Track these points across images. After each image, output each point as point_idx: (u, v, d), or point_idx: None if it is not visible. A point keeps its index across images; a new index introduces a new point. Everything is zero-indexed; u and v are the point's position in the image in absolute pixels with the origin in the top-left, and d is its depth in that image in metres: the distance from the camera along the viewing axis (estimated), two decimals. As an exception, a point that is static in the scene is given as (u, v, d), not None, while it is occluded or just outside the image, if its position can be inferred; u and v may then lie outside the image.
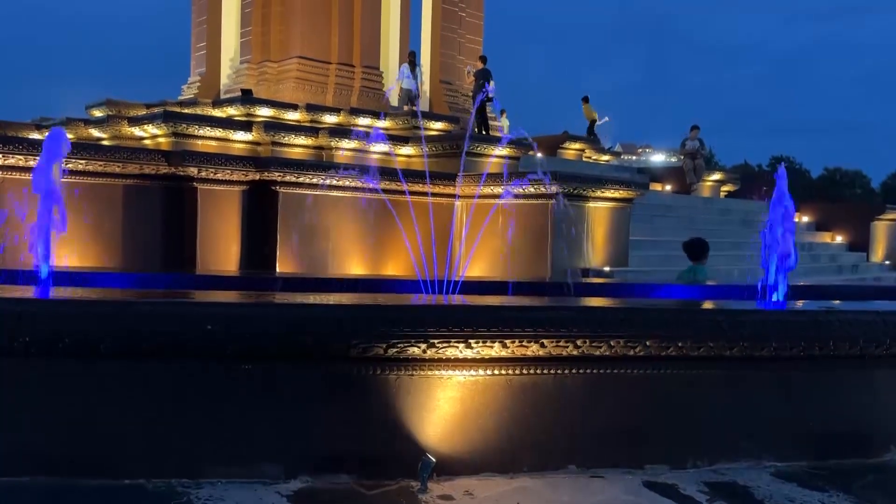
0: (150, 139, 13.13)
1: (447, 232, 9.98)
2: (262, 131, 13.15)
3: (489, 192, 10.03)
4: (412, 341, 3.77)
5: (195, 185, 9.24)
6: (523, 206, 9.76)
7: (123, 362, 3.85)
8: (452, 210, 10.77)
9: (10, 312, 3.86)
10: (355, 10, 19.41)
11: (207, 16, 21.05)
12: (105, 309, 3.76)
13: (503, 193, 9.34)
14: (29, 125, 15.67)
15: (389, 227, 10.39)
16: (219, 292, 4.56)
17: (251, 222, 9.73)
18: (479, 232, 9.67)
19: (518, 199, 9.59)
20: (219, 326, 3.73)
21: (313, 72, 19.03)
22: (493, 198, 9.81)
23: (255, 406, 3.92)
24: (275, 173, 9.46)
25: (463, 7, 21.50)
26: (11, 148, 8.10)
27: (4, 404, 3.74)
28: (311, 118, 15.88)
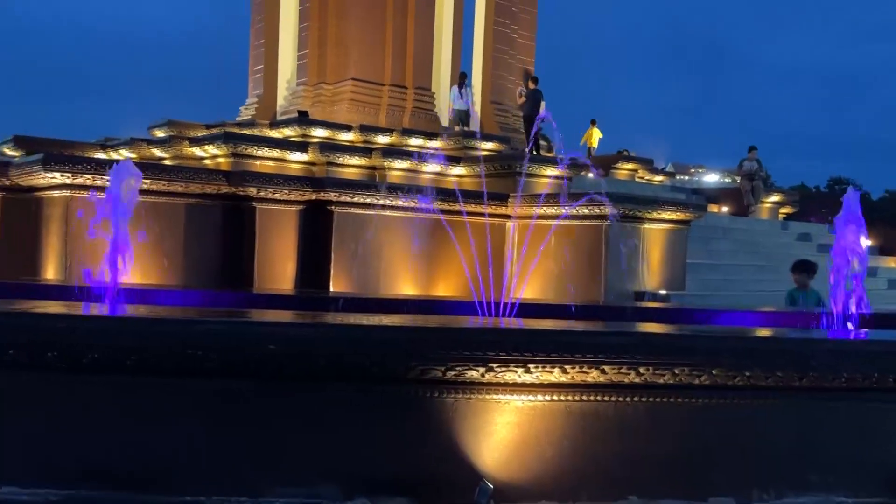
0: (210, 159, 13.48)
1: (499, 252, 9.95)
2: (318, 152, 13.38)
3: (542, 213, 9.97)
4: (470, 365, 3.74)
5: (254, 205, 9.44)
6: (577, 227, 9.66)
7: (185, 381, 3.92)
8: (504, 230, 10.73)
9: (76, 329, 3.98)
10: (408, 33, 19.66)
11: (265, 39, 21.59)
12: (169, 328, 3.84)
13: (560, 214, 9.26)
14: (94, 145, 16.27)
15: (440, 246, 10.41)
16: (279, 312, 4.61)
17: (306, 241, 9.87)
18: (531, 253, 9.61)
19: (572, 220, 9.50)
20: (280, 347, 3.77)
21: (367, 93, 19.31)
22: (545, 218, 9.74)
23: (313, 426, 3.93)
24: (330, 193, 9.59)
25: (515, 28, 21.57)
26: (80, 168, 8.41)
27: (71, 421, 3.84)
28: (364, 139, 16.10)
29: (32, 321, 3.86)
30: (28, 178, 9.36)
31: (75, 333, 3.77)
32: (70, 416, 3.92)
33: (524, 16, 21.91)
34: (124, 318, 4.10)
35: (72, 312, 4.10)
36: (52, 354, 3.86)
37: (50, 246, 9.07)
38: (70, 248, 8.50)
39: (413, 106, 19.49)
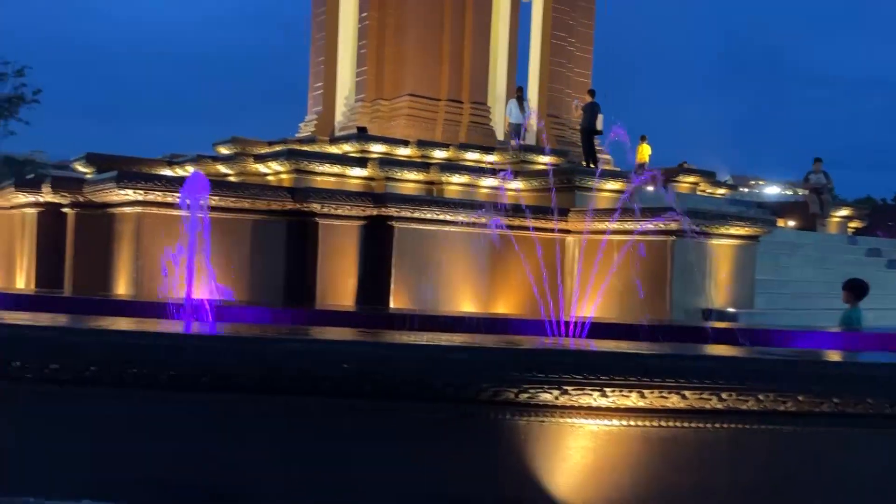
0: (273, 175, 13.75)
1: (559, 268, 9.80)
2: (377, 167, 13.51)
3: (604, 228, 9.81)
4: (544, 387, 3.66)
5: (317, 220, 9.55)
6: (641, 242, 9.47)
7: (259, 397, 3.95)
8: (565, 245, 10.59)
9: (158, 346, 4.06)
10: (465, 48, 19.76)
11: (325, 57, 22.01)
12: (247, 346, 3.89)
13: (623, 229, 9.09)
14: (161, 161, 16.78)
15: (500, 262, 10.35)
16: (351, 330, 4.62)
17: (367, 256, 9.93)
18: (592, 269, 9.46)
19: (635, 235, 9.31)
20: (354, 366, 3.77)
21: (423, 108, 19.46)
22: (608, 233, 9.57)
23: (385, 445, 3.92)
24: (391, 208, 9.64)
25: (572, 42, 21.46)
26: (151, 185, 8.66)
27: (152, 438, 3.91)
28: (421, 153, 16.21)
29: (117, 339, 3.95)
30: (101, 195, 9.69)
31: (154, 351, 3.84)
32: (148, 433, 4.00)
33: (582, 29, 21.78)
34: (204, 335, 4.16)
35: (150, 330, 4.18)
36: (133, 371, 3.95)
37: (121, 261, 9.35)
38: (141, 263, 8.74)
39: (469, 120, 19.54)
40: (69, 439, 4.14)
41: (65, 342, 3.98)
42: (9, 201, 11.73)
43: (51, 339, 3.99)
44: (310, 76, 23.32)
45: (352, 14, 21.67)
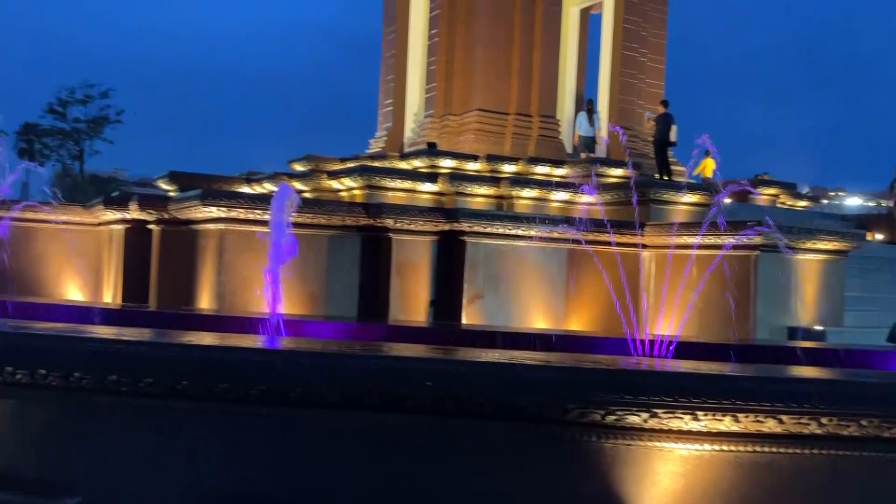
0: (346, 191, 14.01)
1: (634, 284, 9.60)
2: (447, 182, 13.59)
3: (683, 242, 9.57)
4: (633, 409, 3.58)
5: (390, 236, 9.67)
6: (723, 256, 9.19)
7: (343, 413, 4.00)
8: (640, 260, 10.38)
9: (248, 362, 4.16)
10: (534, 62, 19.72)
11: (395, 74, 22.33)
12: (331, 362, 3.95)
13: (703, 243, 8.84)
14: (239, 179, 17.34)
15: (573, 277, 10.23)
16: (432, 347, 4.64)
17: (439, 271, 9.98)
18: (670, 284, 9.24)
19: (716, 250, 9.04)
20: (437, 384, 3.77)
21: (492, 122, 19.47)
22: (686, 248, 9.34)
23: (466, 465, 3.90)
24: (463, 223, 9.67)
25: (643, 52, 21.12)
26: (234, 202, 8.95)
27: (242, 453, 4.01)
28: (490, 168, 16.21)
29: (208, 354, 4.08)
30: (185, 212, 10.06)
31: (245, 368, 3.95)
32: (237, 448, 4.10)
33: (653, 39, 21.42)
34: (293, 351, 4.25)
35: (242, 346, 4.29)
36: (223, 386, 4.06)
37: (204, 276, 9.67)
38: (223, 277, 9.02)
39: (538, 134, 19.45)
40: (163, 452, 4.28)
41: (158, 357, 4.13)
42: (97, 218, 12.30)
43: (144, 354, 4.15)
44: (379, 93, 23.71)
45: (421, 32, 21.95)
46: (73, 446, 4.47)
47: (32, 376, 4.27)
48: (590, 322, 10.02)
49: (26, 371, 4.26)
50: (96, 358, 4.16)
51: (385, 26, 23.32)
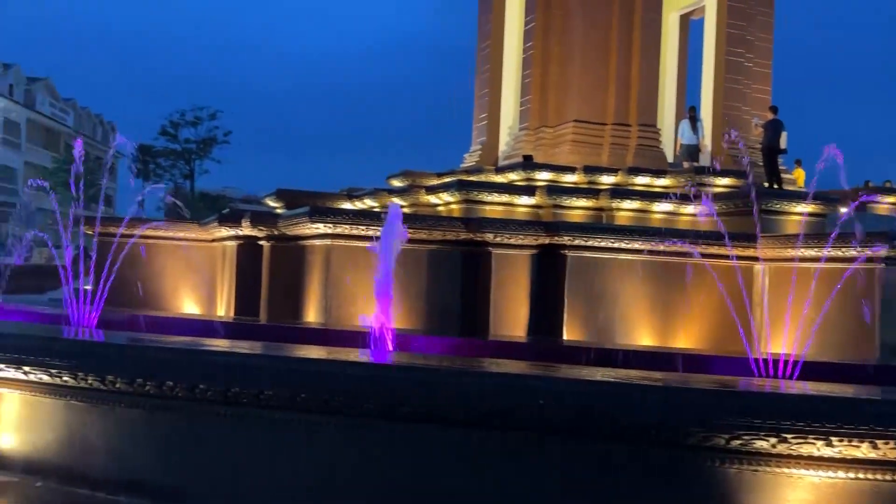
0: (444, 206, 14.14)
1: (748, 299, 9.16)
2: (545, 195, 13.48)
3: (801, 255, 9.07)
4: (760, 434, 3.41)
5: (489, 250, 9.67)
6: (841, 271, 8.65)
7: (459, 429, 4.02)
8: (752, 274, 9.92)
9: (363, 377, 4.25)
10: (632, 71, 19.30)
11: (489, 88, 22.42)
12: (445, 378, 3.98)
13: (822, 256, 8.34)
14: (340, 195, 17.82)
15: (679, 292, 9.88)
16: (547, 365, 4.60)
17: (539, 286, 9.88)
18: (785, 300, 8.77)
19: (836, 264, 8.52)
20: (551, 401, 3.73)
21: (589, 133, 19.16)
22: (807, 261, 8.84)
23: (582, 485, 3.82)
24: (564, 237, 9.55)
25: (749, 57, 20.31)
26: (340, 218, 9.21)
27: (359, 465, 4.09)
28: (588, 179, 15.96)
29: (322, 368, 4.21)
30: (293, 228, 10.43)
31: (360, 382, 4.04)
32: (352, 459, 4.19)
33: (759, 43, 20.58)
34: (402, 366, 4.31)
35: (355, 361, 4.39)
36: (339, 400, 4.16)
37: (312, 290, 9.98)
38: (330, 292, 9.28)
39: (637, 143, 18.98)
40: (282, 462, 4.43)
41: (278, 370, 4.29)
42: (211, 234, 12.93)
43: (265, 368, 4.32)
44: (474, 107, 23.85)
45: (515, 45, 21.97)
46: (196, 455, 4.69)
47: (160, 388, 4.53)
48: (698, 339, 9.65)
49: (155, 383, 4.52)
50: (220, 371, 4.36)
51: (480, 41, 23.48)
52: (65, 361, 4.58)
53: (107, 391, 4.63)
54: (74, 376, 4.60)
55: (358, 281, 9.52)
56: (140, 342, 4.85)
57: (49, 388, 4.83)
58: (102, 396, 4.68)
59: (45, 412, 4.98)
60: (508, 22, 22.29)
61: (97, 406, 4.77)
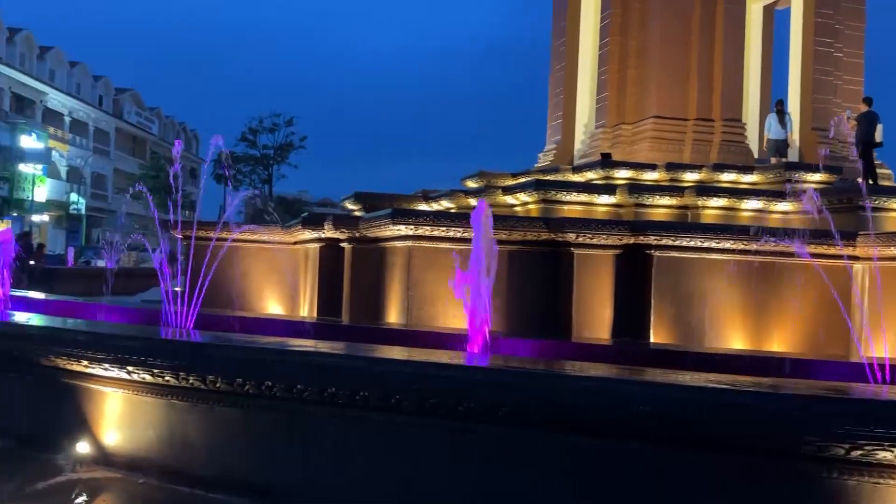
0: (521, 206, 14.03)
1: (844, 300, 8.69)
2: (626, 193, 13.18)
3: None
4: (885, 444, 3.19)
5: (571, 250, 9.51)
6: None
7: (553, 435, 3.93)
8: (850, 275, 9.41)
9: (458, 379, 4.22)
10: (715, 64, 18.70)
11: (564, 87, 22.15)
12: (542, 381, 3.90)
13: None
14: (416, 197, 17.93)
15: (772, 293, 9.47)
16: (643, 369, 4.45)
17: (623, 287, 9.65)
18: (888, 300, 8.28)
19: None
20: (648, 408, 3.60)
21: (669, 130, 18.67)
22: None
23: (682, 498, 3.67)
24: (650, 236, 9.29)
25: (839, 47, 19.35)
26: (421, 220, 9.24)
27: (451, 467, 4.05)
28: (669, 177, 15.55)
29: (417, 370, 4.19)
30: (375, 230, 10.53)
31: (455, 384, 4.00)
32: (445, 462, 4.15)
33: (850, 32, 19.58)
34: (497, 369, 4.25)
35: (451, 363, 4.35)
36: (433, 401, 4.14)
37: (392, 291, 10.05)
38: (412, 293, 9.32)
39: (721, 139, 18.37)
40: (374, 462, 4.45)
41: (374, 372, 4.30)
42: (294, 237, 13.22)
43: (362, 369, 4.34)
44: (549, 106, 23.62)
45: (591, 42, 21.63)
46: (292, 454, 4.76)
47: (259, 387, 4.61)
48: (793, 342, 9.23)
49: (254, 383, 4.61)
50: (317, 371, 4.41)
51: (554, 39, 23.22)
52: (167, 362, 4.74)
53: (207, 391, 4.76)
54: (176, 376, 4.75)
55: (438, 281, 9.54)
56: (240, 343, 4.96)
57: (151, 387, 5.00)
58: (202, 396, 4.81)
59: (148, 411, 5.16)
60: (583, 18, 21.96)
61: (197, 405, 4.90)
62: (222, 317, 7.47)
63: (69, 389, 5.47)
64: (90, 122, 75.86)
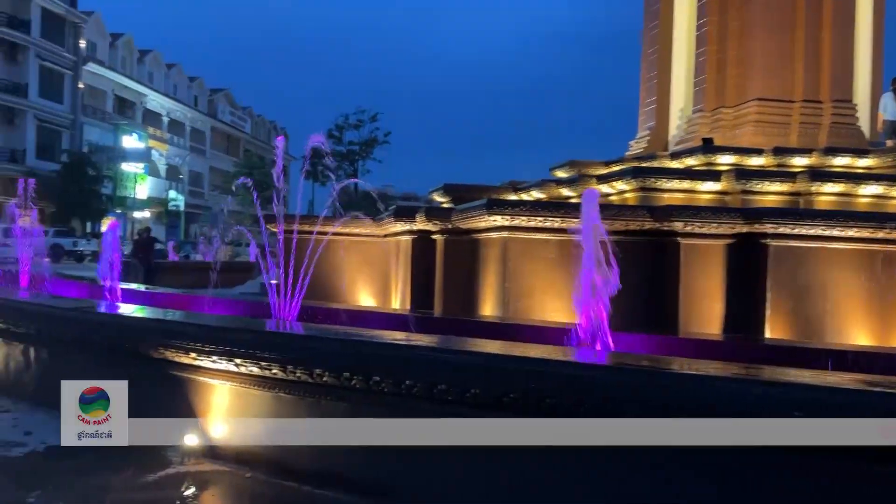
0: (617, 195, 13.49)
1: None
2: (733, 180, 12.44)
3: None
4: None
5: (678, 240, 8.99)
6: None
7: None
8: None
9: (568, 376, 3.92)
10: (823, 42, 17.48)
11: (658, 71, 21.27)
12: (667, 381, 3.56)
13: None
14: (505, 188, 17.60)
15: (901, 284, 8.68)
16: (792, 370, 4.02)
17: (735, 279, 9.06)
18: None
19: None
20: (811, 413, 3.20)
21: (774, 112, 17.59)
22: None
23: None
24: (766, 225, 8.67)
25: (967, 15, 17.72)
26: (518, 210, 8.93)
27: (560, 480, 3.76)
28: (777, 162, 14.62)
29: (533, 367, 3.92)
30: (467, 221, 10.31)
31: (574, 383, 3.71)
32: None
33: (980, -2, 17.89)
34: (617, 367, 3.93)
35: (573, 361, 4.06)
36: (550, 401, 3.86)
37: (487, 283, 9.80)
38: (507, 285, 9.04)
39: (831, 121, 17.15)
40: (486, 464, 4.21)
41: (489, 368, 4.06)
42: (384, 229, 13.17)
43: (476, 366, 4.10)
44: (640, 92, 22.78)
45: (687, 23, 20.64)
46: (401, 451, 4.58)
47: (367, 382, 4.44)
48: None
49: (362, 377, 4.44)
50: (427, 367, 4.20)
51: (646, 22, 22.33)
52: (275, 354, 4.65)
53: (314, 384, 4.64)
54: (284, 369, 4.65)
55: (535, 273, 9.22)
56: (348, 336, 4.82)
57: (259, 380, 4.93)
58: (309, 389, 4.70)
59: (255, 404, 5.11)
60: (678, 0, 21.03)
61: (304, 399, 4.80)
62: (324, 309, 7.42)
63: (177, 381, 5.49)
64: (187, 122, 79.30)
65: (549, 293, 9.20)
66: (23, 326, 6.88)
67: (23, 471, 5.31)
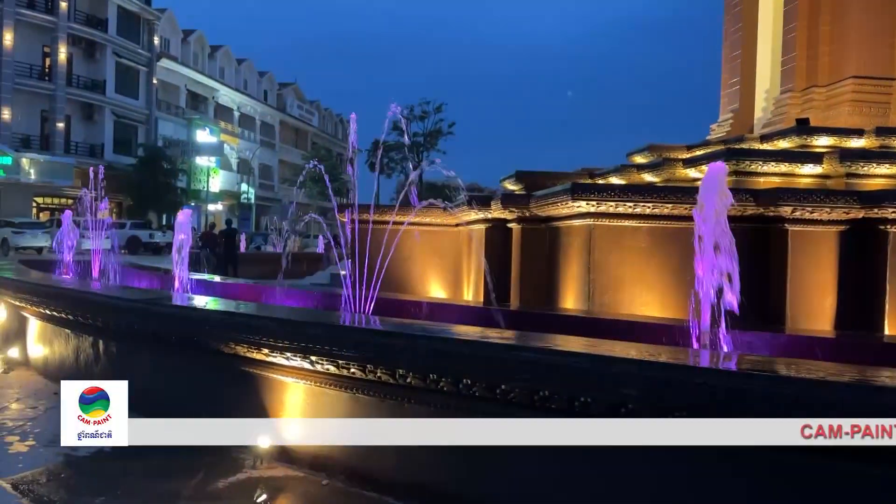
0: (705, 180, 12.61)
1: None
2: (837, 162, 11.41)
3: None
4: None
5: (785, 227, 8.17)
6: None
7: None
8: None
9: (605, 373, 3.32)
10: (925, 13, 16.05)
11: (742, 50, 20.09)
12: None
13: None
14: (580, 174, 16.86)
15: None
16: None
17: (849, 270, 8.18)
18: None
19: None
20: None
21: (872, 91, 16.29)
22: None
23: None
24: (888, 209, 7.76)
25: None
26: (605, 195, 8.29)
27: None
28: (879, 143, 13.45)
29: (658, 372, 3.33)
30: (547, 209, 9.70)
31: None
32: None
33: None
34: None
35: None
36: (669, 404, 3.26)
37: (569, 275, 9.18)
38: (593, 276, 8.40)
39: (934, 99, 15.77)
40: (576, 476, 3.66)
41: (602, 373, 3.49)
42: (457, 219, 12.66)
43: (585, 370, 3.53)
44: (722, 73, 21.58)
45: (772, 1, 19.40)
46: (495, 463, 4.06)
47: (456, 386, 3.93)
48: None
49: (450, 380, 3.94)
50: (527, 371, 3.66)
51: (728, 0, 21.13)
52: (354, 352, 4.20)
53: (396, 385, 4.17)
54: (363, 368, 4.20)
55: (624, 264, 8.55)
56: (435, 334, 4.32)
57: (336, 379, 4.50)
58: (391, 391, 4.24)
59: (331, 405, 4.68)
60: (765, -26, 19.75)
61: (385, 401, 4.34)
62: (401, 301, 6.96)
63: (249, 378, 5.12)
64: (257, 116, 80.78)
65: (639, 285, 8.51)
66: (91, 318, 6.67)
67: (89, 472, 5.03)
